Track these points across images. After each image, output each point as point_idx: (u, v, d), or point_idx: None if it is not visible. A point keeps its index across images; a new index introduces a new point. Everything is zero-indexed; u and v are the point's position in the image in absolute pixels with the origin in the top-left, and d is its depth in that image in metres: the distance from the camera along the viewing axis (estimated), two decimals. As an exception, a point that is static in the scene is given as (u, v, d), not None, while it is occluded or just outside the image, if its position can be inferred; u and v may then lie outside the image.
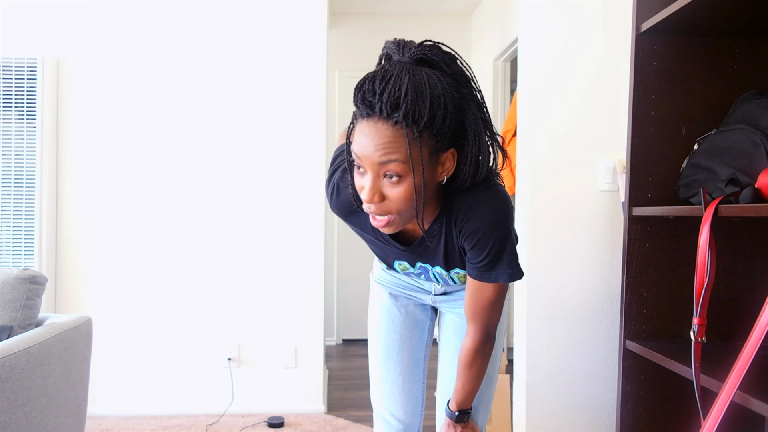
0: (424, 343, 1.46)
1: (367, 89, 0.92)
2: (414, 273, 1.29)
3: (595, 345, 2.17)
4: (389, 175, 0.94)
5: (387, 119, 0.90)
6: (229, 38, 2.86)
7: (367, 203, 0.97)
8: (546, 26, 2.16)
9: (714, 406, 1.08)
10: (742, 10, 1.36)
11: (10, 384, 1.44)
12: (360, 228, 1.20)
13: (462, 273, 1.23)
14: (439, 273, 1.25)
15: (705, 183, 1.41)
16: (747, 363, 1.04)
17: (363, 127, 0.93)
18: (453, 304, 1.40)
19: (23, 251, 2.76)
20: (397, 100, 0.89)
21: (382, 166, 0.93)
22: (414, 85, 0.89)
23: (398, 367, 1.40)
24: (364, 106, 0.92)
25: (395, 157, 0.92)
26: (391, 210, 0.98)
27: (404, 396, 1.40)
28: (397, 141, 0.91)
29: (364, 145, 0.93)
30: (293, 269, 2.89)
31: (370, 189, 0.95)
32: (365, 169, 0.95)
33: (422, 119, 0.90)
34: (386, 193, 0.96)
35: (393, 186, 0.95)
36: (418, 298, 1.43)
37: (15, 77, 2.74)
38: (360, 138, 0.94)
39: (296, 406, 2.90)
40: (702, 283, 1.20)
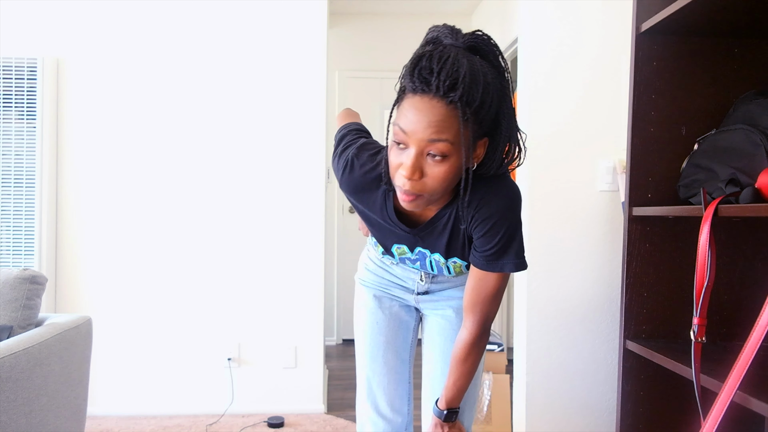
0: (409, 344, 1.46)
1: (424, 66, 0.92)
2: (409, 259, 1.28)
3: (595, 345, 2.17)
4: (433, 154, 0.94)
5: (442, 98, 0.91)
6: (229, 38, 2.86)
7: (406, 179, 0.97)
8: (546, 26, 2.16)
9: (714, 406, 1.08)
10: (742, 10, 1.36)
11: (10, 384, 1.44)
12: (367, 206, 1.19)
13: (459, 263, 1.23)
14: (437, 261, 1.25)
15: (705, 183, 1.41)
16: (747, 363, 1.04)
17: (415, 102, 0.93)
18: (436, 305, 1.41)
19: (23, 251, 2.76)
20: (454, 81, 0.90)
21: (430, 144, 0.93)
22: (470, 69, 0.91)
23: (384, 368, 1.41)
24: (420, 81, 0.92)
25: (445, 137, 0.93)
26: (426, 189, 0.98)
27: (391, 396, 1.41)
28: (448, 121, 0.92)
29: (414, 120, 0.93)
30: (293, 269, 2.89)
31: (412, 166, 0.95)
32: (409, 145, 0.95)
33: (474, 103, 0.92)
34: (426, 172, 0.96)
35: (435, 165, 0.96)
36: (402, 298, 1.44)
37: (15, 77, 2.74)
38: (410, 113, 0.94)
39: (296, 406, 2.90)
40: (702, 283, 1.20)
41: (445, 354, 1.39)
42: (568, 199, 2.16)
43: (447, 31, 0.98)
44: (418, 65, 0.93)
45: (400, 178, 0.98)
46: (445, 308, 1.40)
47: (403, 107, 0.96)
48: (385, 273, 1.43)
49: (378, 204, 1.16)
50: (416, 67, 0.93)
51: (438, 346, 1.40)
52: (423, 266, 1.29)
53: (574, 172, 2.16)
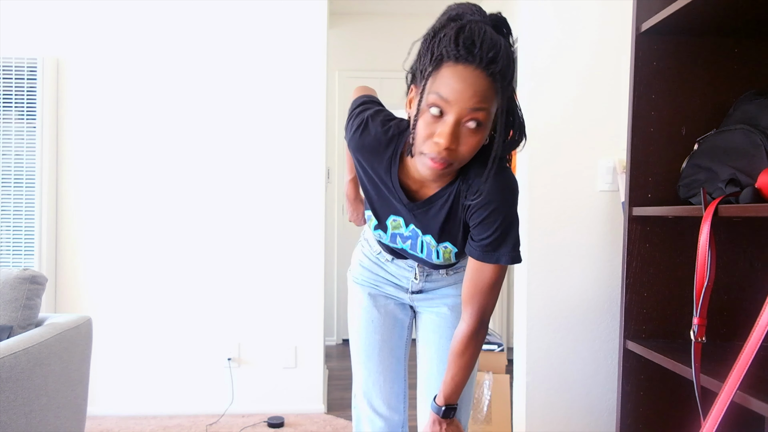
0: (404, 342, 1.46)
1: (466, 36, 0.94)
2: (401, 236, 1.26)
3: (595, 345, 2.17)
4: (472, 123, 0.97)
5: (485, 69, 0.94)
6: (229, 38, 2.86)
7: (443, 147, 0.98)
8: (545, 27, 2.16)
9: (714, 406, 1.08)
10: (742, 10, 1.36)
11: (10, 384, 1.44)
12: (371, 168, 1.19)
13: (450, 248, 1.23)
14: (428, 243, 1.24)
15: (705, 183, 1.41)
16: (747, 363, 1.04)
17: (459, 71, 0.95)
18: (431, 303, 1.41)
19: (23, 251, 2.76)
20: (495, 55, 0.94)
21: (472, 112, 0.96)
22: (505, 47, 0.97)
23: (380, 367, 1.42)
24: (465, 51, 0.94)
25: (486, 106, 0.97)
26: (457, 159, 1.01)
27: (387, 394, 1.42)
28: (489, 92, 0.96)
29: (459, 89, 0.95)
30: (293, 269, 2.89)
31: (452, 133, 0.97)
32: (448, 113, 0.97)
33: (507, 78, 0.97)
34: (461, 140, 0.99)
35: (470, 134, 0.99)
36: (397, 296, 1.43)
37: (15, 77, 2.74)
38: (452, 81, 0.95)
39: (296, 406, 2.90)
40: (702, 283, 1.20)
41: (441, 351, 1.38)
42: (568, 199, 2.16)
43: (472, 8, 1.01)
44: (461, 35, 0.95)
45: (433, 146, 1.00)
46: (440, 306, 1.40)
47: (443, 75, 0.97)
48: (379, 270, 1.43)
49: (383, 167, 1.17)
50: (459, 36, 0.95)
51: (433, 343, 1.40)
52: (413, 247, 1.27)
53: (574, 172, 2.16)
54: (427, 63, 0.99)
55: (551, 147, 2.16)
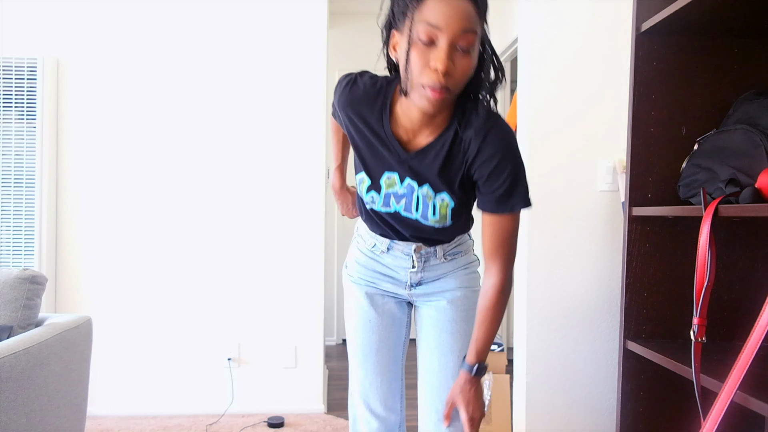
0: (402, 341, 1.45)
1: None
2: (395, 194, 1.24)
3: (595, 345, 2.17)
4: (462, 46, 1.01)
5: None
6: (229, 38, 2.86)
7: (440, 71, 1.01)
8: (546, 26, 2.16)
9: (714, 406, 1.08)
10: (742, 10, 1.36)
11: (10, 384, 1.44)
12: (364, 123, 1.20)
13: (447, 201, 1.22)
14: (424, 195, 1.22)
15: (705, 183, 1.41)
16: (747, 363, 1.04)
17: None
18: (430, 297, 1.40)
19: (23, 251, 2.76)
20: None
21: (463, 35, 1.00)
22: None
23: (377, 367, 1.41)
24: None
25: (474, 27, 1.01)
26: (454, 84, 1.04)
27: (384, 394, 1.41)
28: (474, 15, 1.01)
29: (447, 14, 0.99)
30: (293, 269, 2.89)
31: (447, 56, 1.00)
32: (439, 39, 1.01)
33: (486, 5, 1.04)
34: (456, 64, 1.02)
35: (463, 57, 1.02)
36: (394, 293, 1.42)
37: (15, 77, 2.74)
38: (440, 7, 0.99)
39: (296, 406, 2.90)
40: (702, 283, 1.20)
41: (440, 345, 1.37)
42: (568, 199, 2.16)
43: None
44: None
45: (431, 74, 1.02)
46: (440, 299, 1.39)
47: (427, 6, 1.00)
48: (375, 264, 1.41)
49: (375, 118, 1.19)
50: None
51: (433, 338, 1.39)
52: (408, 207, 1.25)
53: (574, 172, 2.16)
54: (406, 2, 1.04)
55: (551, 147, 2.16)
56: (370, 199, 1.28)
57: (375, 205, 1.29)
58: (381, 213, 1.30)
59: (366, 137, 1.21)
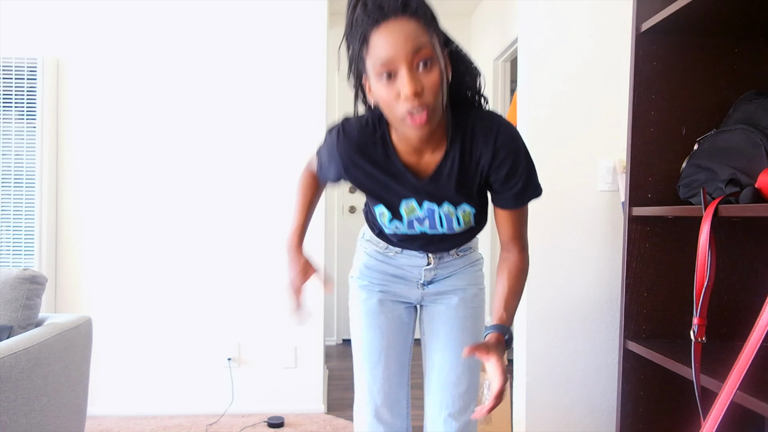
0: (409, 346, 1.45)
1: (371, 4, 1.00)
2: (418, 219, 1.25)
3: (595, 345, 2.17)
4: (422, 63, 1.00)
5: (402, 15, 0.99)
6: (229, 38, 2.86)
7: (411, 96, 1.00)
8: (545, 27, 2.16)
9: (714, 406, 1.08)
10: (742, 10, 1.36)
11: (10, 384, 1.44)
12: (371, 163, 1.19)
13: (468, 210, 1.23)
14: (446, 213, 1.23)
15: (705, 183, 1.41)
16: (747, 363, 1.04)
17: (382, 31, 0.99)
18: (441, 295, 1.40)
19: (23, 251, 2.76)
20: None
21: (415, 54, 0.99)
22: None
23: (385, 373, 1.40)
24: (376, 11, 0.99)
25: (424, 40, 1.00)
26: (430, 101, 1.02)
27: (391, 400, 1.40)
28: (418, 30, 1.00)
29: (392, 43, 0.99)
30: (293, 269, 2.89)
31: (411, 80, 0.99)
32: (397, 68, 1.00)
33: (428, 12, 1.02)
34: (423, 83, 1.01)
35: (427, 73, 1.01)
36: (404, 296, 1.41)
37: (15, 77, 2.74)
38: (383, 41, 0.99)
39: (296, 406, 2.90)
40: (702, 283, 1.20)
41: (453, 342, 1.36)
42: (568, 199, 2.16)
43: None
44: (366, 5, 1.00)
45: (404, 103, 1.01)
46: (451, 296, 1.39)
47: (373, 45, 1.00)
48: (386, 267, 1.40)
49: (380, 154, 1.18)
50: (366, 7, 1.00)
51: (444, 334, 1.38)
52: (433, 225, 1.26)
53: (574, 172, 2.16)
54: (356, 48, 1.04)
55: (551, 147, 2.16)
56: (394, 227, 1.29)
57: (399, 231, 1.30)
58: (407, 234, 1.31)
59: (376, 177, 1.21)
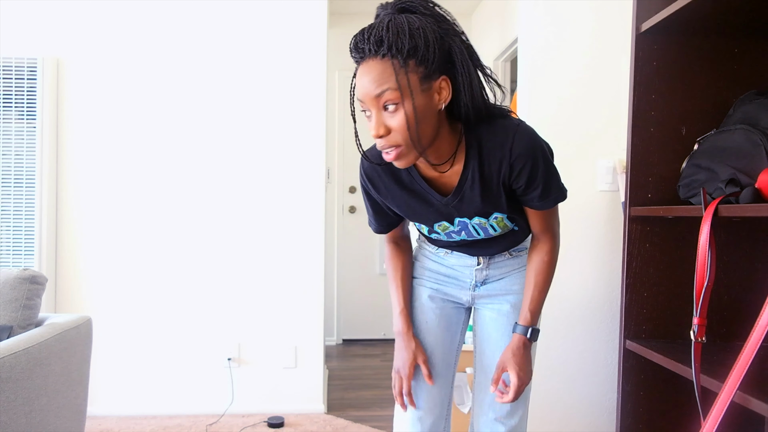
0: (456, 347, 1.44)
1: (358, 40, 1.05)
2: (455, 232, 1.29)
3: (595, 345, 2.17)
4: (387, 105, 1.04)
5: (375, 55, 1.03)
6: (229, 38, 2.86)
7: (375, 138, 1.06)
8: (545, 27, 2.16)
9: (714, 406, 1.08)
10: (742, 10, 1.36)
11: (10, 384, 1.44)
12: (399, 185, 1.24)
13: (500, 216, 1.25)
14: (479, 224, 1.26)
15: (705, 183, 1.41)
16: (747, 363, 1.04)
17: (359, 71, 1.06)
18: (492, 300, 1.39)
19: (23, 251, 2.76)
20: (380, 38, 1.02)
21: (378, 98, 1.03)
22: (394, 23, 1.02)
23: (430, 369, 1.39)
24: (357, 52, 1.05)
25: (387, 86, 1.02)
26: (398, 141, 1.06)
27: (433, 397, 1.39)
28: (386, 72, 1.02)
29: (361, 85, 1.05)
30: (293, 269, 2.89)
31: (375, 123, 1.05)
32: (369, 109, 1.06)
33: (405, 48, 1.01)
34: (389, 125, 1.05)
35: (392, 115, 1.04)
36: (456, 297, 1.42)
37: (15, 77, 2.74)
38: (357, 81, 1.06)
39: (296, 406, 2.90)
40: (702, 283, 1.20)
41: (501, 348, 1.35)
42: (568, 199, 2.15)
43: (380, 8, 1.09)
44: (354, 42, 1.06)
45: (377, 142, 1.08)
46: (502, 303, 1.38)
47: (356, 82, 1.08)
48: (439, 267, 1.42)
49: (404, 176, 1.22)
50: (352, 44, 1.06)
51: (495, 342, 1.38)
52: (470, 235, 1.29)
53: (574, 172, 2.16)
54: None
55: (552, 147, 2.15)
56: (435, 237, 1.35)
57: (441, 238, 1.34)
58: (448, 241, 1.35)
59: (407, 201, 1.25)
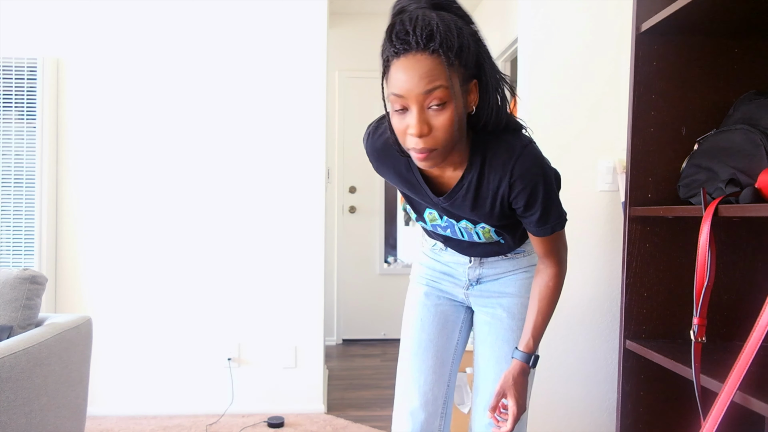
0: (453, 346, 1.43)
1: (398, 30, 0.98)
2: (440, 226, 1.30)
3: (595, 345, 2.17)
4: (433, 104, 0.99)
5: (424, 50, 0.96)
6: (229, 38, 2.86)
7: (416, 137, 1.01)
8: (546, 26, 2.16)
9: (714, 406, 1.08)
10: (742, 10, 1.36)
11: (10, 384, 1.44)
12: (395, 171, 1.22)
13: (486, 228, 1.25)
14: (465, 228, 1.26)
15: (705, 183, 1.41)
16: (747, 363, 1.04)
17: (400, 64, 0.98)
18: (486, 302, 1.39)
19: (23, 251, 2.76)
20: (430, 32, 0.96)
21: (427, 95, 0.98)
22: (440, 19, 0.98)
23: (422, 366, 1.39)
24: (400, 43, 0.97)
25: (439, 83, 0.97)
26: (437, 142, 1.02)
27: (425, 395, 1.39)
28: (437, 68, 0.97)
29: (405, 79, 0.98)
30: (293, 269, 2.89)
31: (418, 122, 0.99)
32: (409, 105, 1.00)
33: (454, 47, 0.97)
34: (432, 124, 1.00)
35: (438, 114, 1.00)
36: (452, 294, 1.42)
37: (15, 77, 2.74)
38: (399, 75, 0.98)
39: (296, 406, 2.90)
40: (702, 283, 1.20)
41: (497, 354, 1.35)
42: (568, 199, 2.15)
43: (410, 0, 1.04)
44: (393, 31, 0.99)
45: (411, 140, 1.02)
46: (496, 307, 1.38)
47: (391, 75, 1.00)
48: (436, 264, 1.43)
49: (403, 165, 1.20)
50: (392, 33, 0.99)
51: (489, 346, 1.38)
52: (454, 234, 1.29)
53: (574, 173, 2.16)
54: (383, 70, 1.03)
55: (551, 147, 2.15)
56: (421, 225, 1.34)
57: (427, 227, 1.34)
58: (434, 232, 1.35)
59: (403, 180, 1.24)
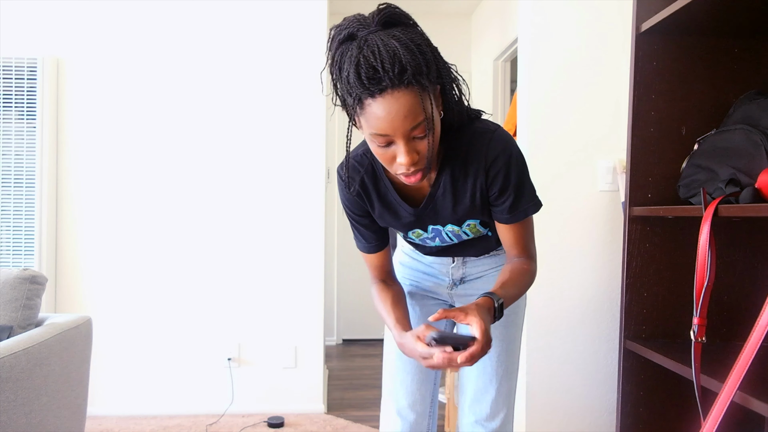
0: None
1: (366, 69, 0.93)
2: (429, 239, 1.29)
3: (595, 345, 2.17)
4: (418, 136, 0.99)
5: (399, 85, 0.94)
6: (229, 38, 2.86)
7: (407, 167, 1.01)
8: (546, 27, 2.16)
9: (714, 406, 1.08)
10: (742, 10, 1.36)
11: (10, 384, 1.44)
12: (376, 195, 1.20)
13: (473, 223, 1.24)
14: (452, 231, 1.25)
15: (705, 183, 1.41)
16: (747, 363, 1.04)
17: (380, 104, 0.95)
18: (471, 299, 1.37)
19: (23, 251, 2.76)
20: (401, 65, 0.93)
21: (413, 130, 0.98)
22: (403, 45, 0.94)
23: (408, 366, 1.39)
24: (371, 83, 0.94)
25: (421, 118, 0.97)
26: (424, 161, 1.03)
27: (413, 395, 1.39)
28: (415, 102, 0.96)
29: (390, 119, 0.96)
30: (293, 269, 2.89)
31: (407, 153, 0.99)
32: (394, 140, 0.99)
33: (423, 71, 0.96)
34: (418, 149, 1.01)
35: (422, 140, 1.00)
36: (436, 293, 1.42)
37: (15, 77, 2.74)
38: (381, 115, 0.96)
39: (296, 406, 2.90)
40: (702, 283, 1.20)
41: None
42: (568, 199, 2.16)
43: (356, 24, 0.99)
44: (360, 70, 0.94)
45: (400, 167, 1.03)
46: None
47: (368, 115, 0.97)
48: (417, 264, 1.42)
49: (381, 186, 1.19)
50: (359, 74, 0.94)
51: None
52: (444, 241, 1.29)
53: (574, 172, 2.16)
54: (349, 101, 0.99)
55: (551, 147, 2.16)
56: (409, 242, 1.34)
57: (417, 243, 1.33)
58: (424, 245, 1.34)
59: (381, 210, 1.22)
